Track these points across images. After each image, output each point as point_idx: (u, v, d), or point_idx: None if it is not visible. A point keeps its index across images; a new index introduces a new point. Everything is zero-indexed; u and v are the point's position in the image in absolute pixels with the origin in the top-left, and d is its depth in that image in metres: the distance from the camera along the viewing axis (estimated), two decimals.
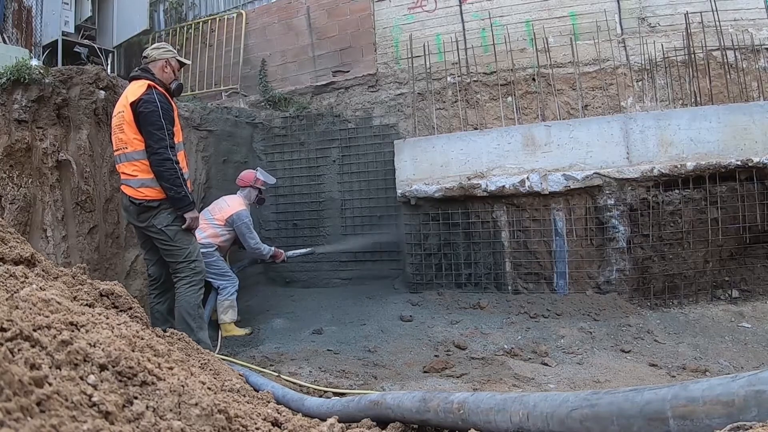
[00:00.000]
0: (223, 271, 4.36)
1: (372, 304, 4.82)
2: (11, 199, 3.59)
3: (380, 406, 1.78)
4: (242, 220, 4.37)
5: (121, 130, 3.12)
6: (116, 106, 3.26)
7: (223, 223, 4.36)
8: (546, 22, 5.21)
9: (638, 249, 4.43)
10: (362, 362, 3.52)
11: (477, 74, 5.35)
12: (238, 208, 4.41)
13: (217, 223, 4.36)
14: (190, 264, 3.23)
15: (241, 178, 4.69)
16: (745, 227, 4.26)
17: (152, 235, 3.21)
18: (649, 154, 4.37)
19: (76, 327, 1.32)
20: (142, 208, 3.14)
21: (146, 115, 3.01)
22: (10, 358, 0.90)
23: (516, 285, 4.73)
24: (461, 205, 4.85)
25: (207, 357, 2.20)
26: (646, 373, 3.22)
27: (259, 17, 6.48)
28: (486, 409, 1.42)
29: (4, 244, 1.95)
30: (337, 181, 5.77)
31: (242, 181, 4.66)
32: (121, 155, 3.18)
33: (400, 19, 5.75)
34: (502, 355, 3.60)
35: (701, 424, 0.98)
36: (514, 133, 4.74)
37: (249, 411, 1.57)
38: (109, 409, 0.99)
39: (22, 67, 3.71)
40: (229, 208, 4.40)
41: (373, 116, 5.70)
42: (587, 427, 1.18)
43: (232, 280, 4.39)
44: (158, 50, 3.30)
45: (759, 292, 4.27)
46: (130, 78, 3.31)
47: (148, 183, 3.10)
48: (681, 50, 4.84)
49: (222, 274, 4.34)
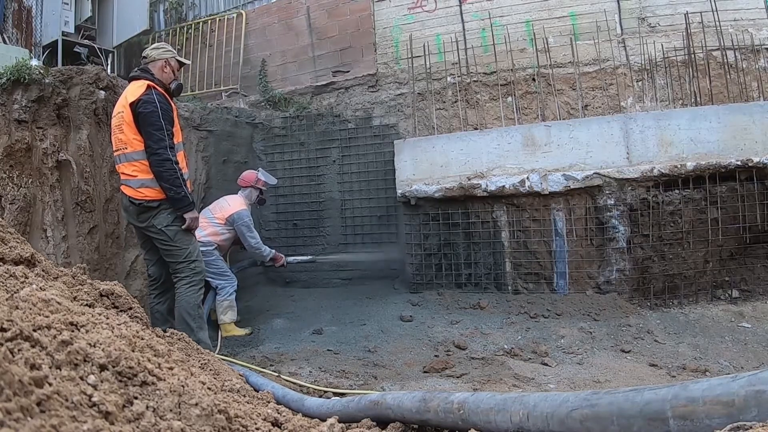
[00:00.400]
0: (221, 271, 4.36)
1: (372, 304, 4.82)
2: (11, 199, 3.59)
3: (380, 406, 1.78)
4: (243, 219, 4.37)
5: (121, 131, 3.12)
6: (116, 107, 3.26)
7: (223, 222, 4.36)
8: (546, 22, 5.21)
9: (638, 249, 4.43)
10: (362, 362, 3.52)
11: (477, 74, 5.35)
12: (239, 207, 4.42)
13: (218, 222, 4.36)
14: (190, 264, 3.23)
15: (242, 178, 4.69)
16: (745, 227, 4.26)
17: (152, 236, 3.21)
18: (649, 154, 4.37)
19: (76, 327, 1.32)
20: (141, 209, 3.14)
21: (145, 115, 3.01)
22: (11, 359, 0.90)
23: (516, 285, 4.73)
24: (461, 205, 4.85)
25: (207, 357, 2.20)
26: (646, 373, 3.21)
27: (259, 17, 6.49)
28: (486, 409, 1.42)
29: (4, 245, 1.95)
30: (337, 182, 5.77)
31: (243, 181, 4.66)
32: (120, 155, 3.18)
33: (400, 19, 5.75)
34: (502, 355, 3.60)
35: (701, 424, 0.98)
36: (514, 133, 4.74)
37: (249, 411, 1.57)
38: (109, 409, 0.99)
39: (22, 67, 3.71)
40: (230, 208, 4.41)
41: (373, 116, 5.70)
42: (587, 427, 1.18)
43: (230, 280, 4.39)
44: (157, 50, 3.29)
45: (759, 292, 4.27)
46: (130, 78, 3.30)
47: (147, 183, 3.10)
48: (681, 50, 4.84)
49: (220, 273, 4.34)
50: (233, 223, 4.37)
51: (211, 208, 4.48)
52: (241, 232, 4.39)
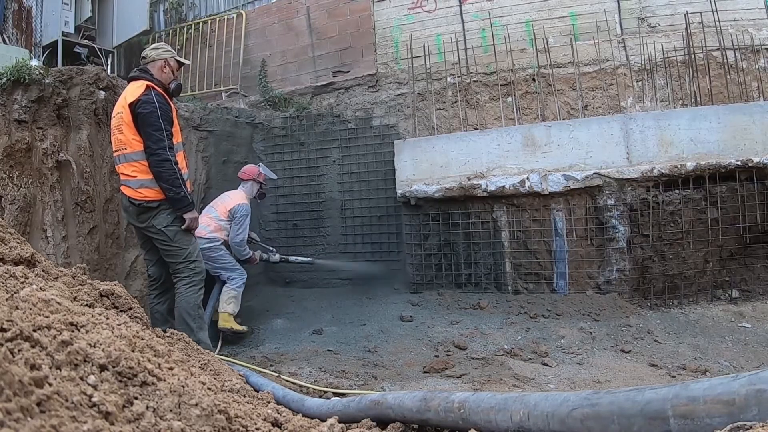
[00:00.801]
0: (231, 264, 4.37)
1: (372, 305, 4.83)
2: (11, 200, 3.59)
3: (381, 406, 1.78)
4: (242, 211, 4.40)
5: (120, 131, 3.12)
6: (115, 107, 3.26)
7: (226, 216, 4.38)
8: (546, 23, 5.21)
9: (638, 249, 4.43)
10: (362, 362, 3.53)
11: (477, 74, 5.35)
12: (240, 200, 4.46)
13: (221, 217, 4.38)
14: (190, 264, 3.23)
15: (243, 171, 4.71)
16: (745, 227, 4.26)
17: (152, 236, 3.21)
18: (649, 154, 4.37)
19: (76, 327, 1.32)
20: (141, 209, 3.13)
21: (144, 116, 3.00)
22: (11, 359, 0.90)
23: (516, 285, 4.72)
24: (461, 205, 4.84)
25: (207, 357, 2.20)
26: (646, 374, 3.21)
27: (259, 17, 6.48)
28: (487, 408, 1.43)
29: (4, 245, 1.95)
30: (337, 182, 5.76)
31: (245, 174, 4.67)
32: (120, 156, 3.18)
33: (400, 20, 5.75)
34: (502, 356, 3.60)
35: (702, 423, 0.98)
36: (514, 133, 4.74)
37: (249, 411, 1.57)
38: (110, 410, 0.99)
39: (22, 67, 3.71)
40: (231, 201, 4.44)
41: (373, 116, 5.70)
42: (588, 426, 1.18)
43: (240, 272, 4.40)
44: (157, 50, 3.29)
45: (759, 292, 4.27)
46: (129, 78, 3.30)
47: (147, 184, 3.10)
48: (681, 50, 4.84)
49: (231, 266, 4.36)
50: (234, 215, 4.37)
51: (214, 204, 4.51)
52: (237, 223, 4.38)
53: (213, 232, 4.30)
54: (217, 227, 4.35)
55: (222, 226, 4.37)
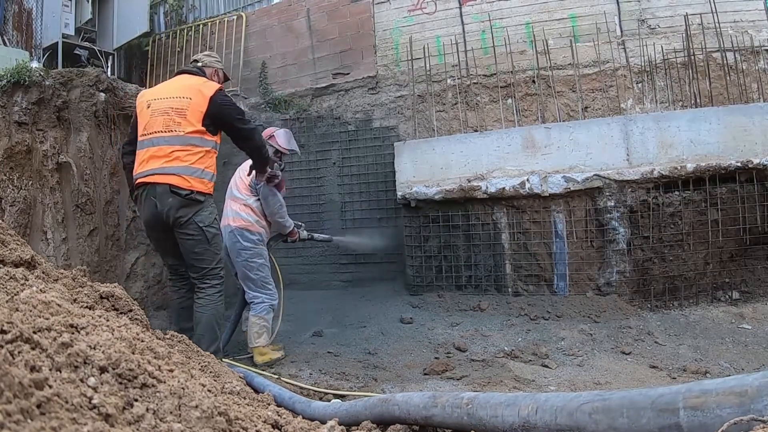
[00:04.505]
0: (265, 281, 3.63)
1: (372, 306, 4.82)
2: (11, 201, 3.59)
3: (389, 403, 1.79)
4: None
5: (181, 115, 2.87)
6: (166, 91, 3.00)
7: (249, 192, 3.71)
8: (546, 24, 5.22)
9: (638, 251, 4.43)
10: (362, 364, 3.52)
11: (477, 76, 5.36)
12: None
13: (246, 194, 3.71)
14: (220, 271, 3.06)
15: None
16: (745, 228, 4.26)
17: (185, 235, 2.89)
18: (649, 156, 4.37)
19: (76, 329, 1.32)
20: (187, 200, 2.83)
21: (227, 105, 3.00)
22: (11, 361, 0.90)
23: (516, 287, 4.72)
24: (461, 207, 4.85)
25: (207, 359, 2.20)
26: (647, 375, 3.21)
27: (259, 19, 6.50)
28: (495, 404, 1.44)
29: (5, 247, 1.95)
30: (337, 184, 5.77)
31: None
32: (169, 137, 2.85)
33: (400, 22, 5.76)
34: (502, 357, 3.60)
35: (712, 414, 0.98)
36: (514, 134, 4.74)
37: (249, 413, 1.57)
38: (110, 412, 0.98)
39: (23, 69, 3.72)
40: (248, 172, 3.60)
41: (373, 118, 5.71)
42: (596, 419, 1.18)
43: (271, 294, 3.66)
44: (210, 58, 3.38)
45: (759, 294, 4.27)
46: (183, 71, 3.18)
47: (198, 174, 2.87)
48: (681, 52, 4.85)
49: (263, 284, 3.62)
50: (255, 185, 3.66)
51: (232, 185, 3.86)
52: (264, 195, 3.65)
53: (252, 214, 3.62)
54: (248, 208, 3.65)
55: (251, 204, 3.65)
